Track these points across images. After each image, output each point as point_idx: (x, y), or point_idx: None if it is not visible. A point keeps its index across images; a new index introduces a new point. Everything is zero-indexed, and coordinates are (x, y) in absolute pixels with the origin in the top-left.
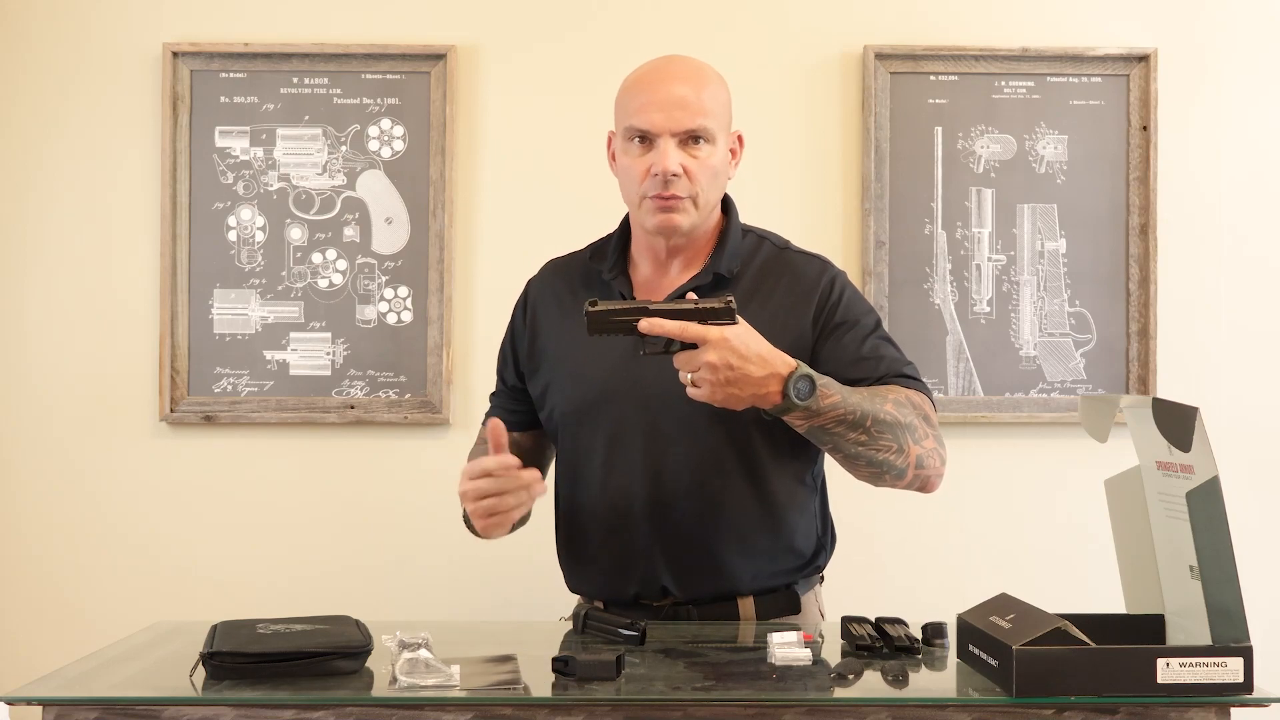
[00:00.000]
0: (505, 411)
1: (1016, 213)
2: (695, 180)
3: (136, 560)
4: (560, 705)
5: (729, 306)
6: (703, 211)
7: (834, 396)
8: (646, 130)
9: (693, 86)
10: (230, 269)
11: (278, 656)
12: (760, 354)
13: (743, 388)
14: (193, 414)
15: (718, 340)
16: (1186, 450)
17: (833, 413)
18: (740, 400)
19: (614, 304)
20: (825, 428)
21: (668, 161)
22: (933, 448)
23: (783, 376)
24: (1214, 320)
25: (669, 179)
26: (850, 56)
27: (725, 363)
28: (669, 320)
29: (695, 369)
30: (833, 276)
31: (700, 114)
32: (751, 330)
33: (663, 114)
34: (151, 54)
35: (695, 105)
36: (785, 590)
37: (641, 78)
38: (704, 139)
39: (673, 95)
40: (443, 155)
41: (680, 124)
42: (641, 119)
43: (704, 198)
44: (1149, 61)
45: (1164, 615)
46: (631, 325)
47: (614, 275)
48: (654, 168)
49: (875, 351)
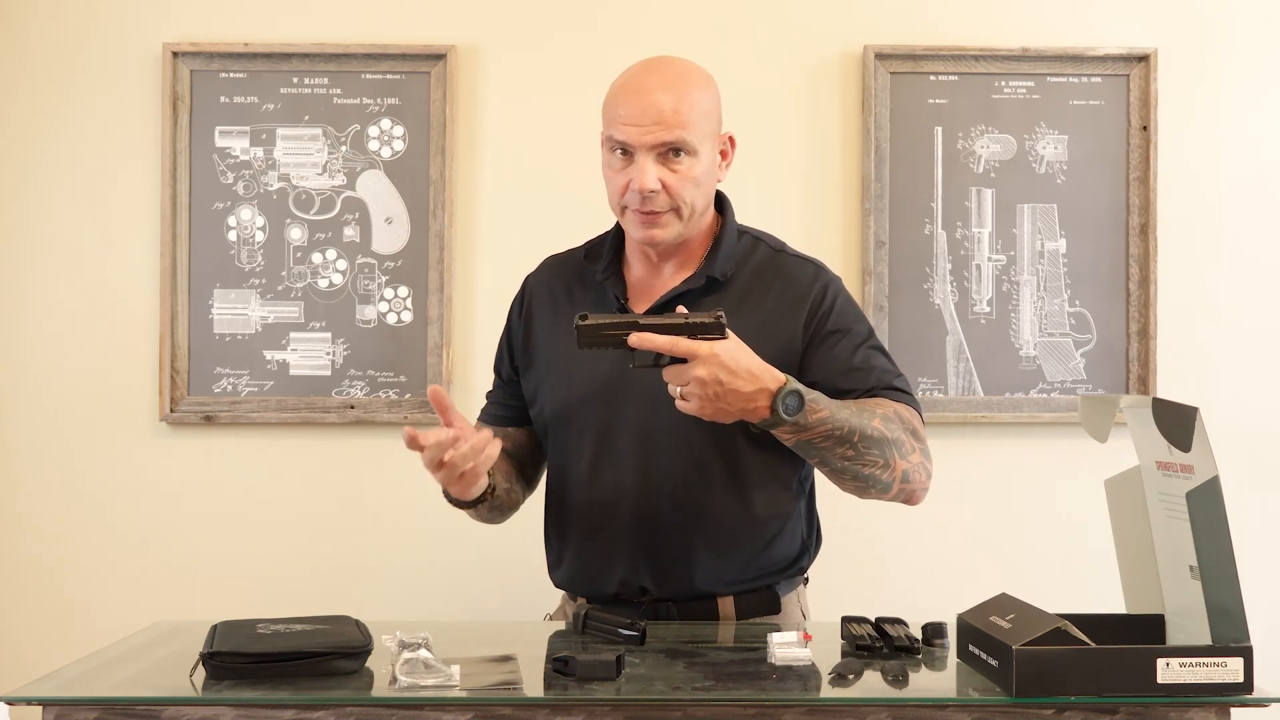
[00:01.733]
0: (501, 407)
1: (1016, 213)
2: (675, 194)
3: (136, 560)
4: (560, 705)
5: (719, 321)
6: (688, 220)
7: (822, 412)
8: (625, 143)
9: (673, 96)
10: (230, 269)
11: (278, 656)
12: (749, 369)
13: (731, 402)
14: (193, 414)
15: (707, 355)
16: (1186, 450)
17: (820, 428)
18: (729, 414)
19: (604, 318)
20: (813, 442)
21: (645, 179)
22: (919, 462)
23: (771, 392)
24: (1214, 320)
25: (647, 195)
26: (850, 56)
27: (714, 378)
28: (658, 335)
29: (685, 383)
30: (826, 283)
31: (679, 126)
32: (741, 345)
33: (640, 129)
34: (151, 54)
35: (673, 118)
36: (765, 590)
37: (624, 86)
38: (684, 151)
39: (650, 108)
40: (443, 155)
41: (658, 139)
42: (620, 132)
43: (687, 208)
44: (1149, 61)
45: (1164, 615)
46: (621, 339)
47: (607, 276)
48: (633, 184)
49: (866, 362)
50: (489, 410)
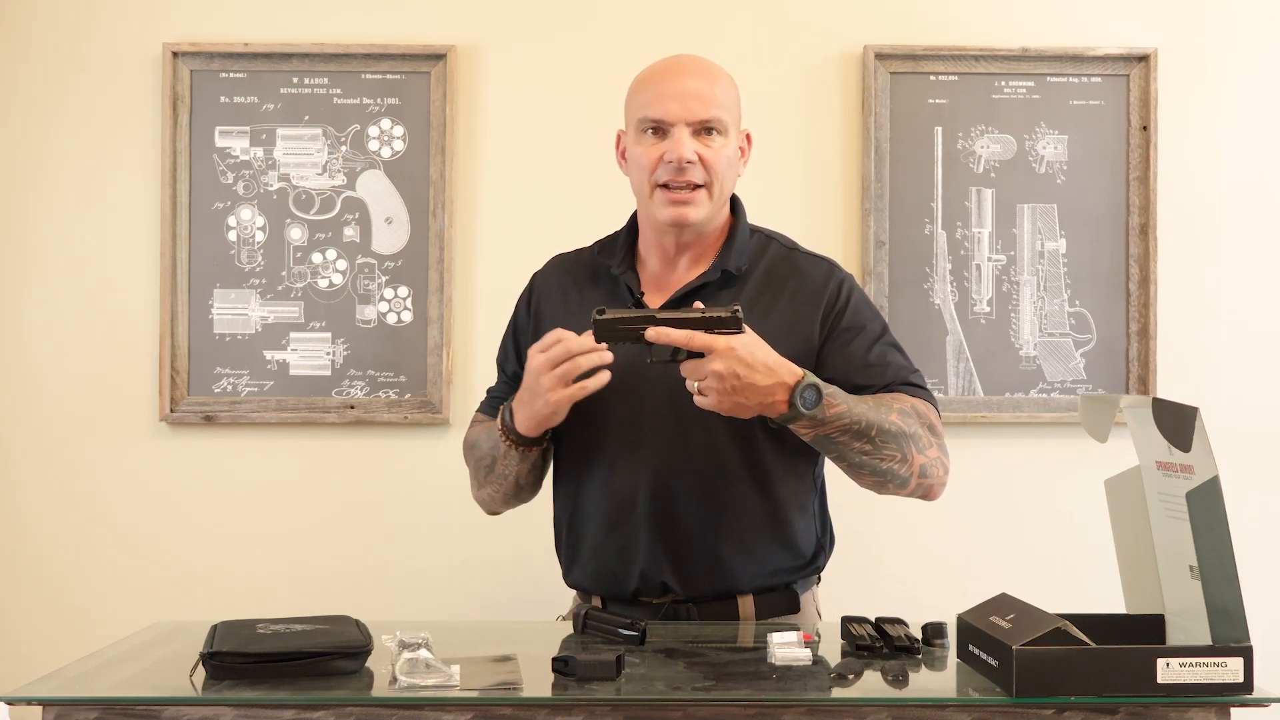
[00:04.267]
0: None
1: (1016, 213)
2: (710, 168)
3: (136, 560)
4: (560, 705)
5: (735, 315)
6: (716, 203)
7: (840, 406)
8: (661, 119)
9: (706, 80)
10: (230, 269)
11: (278, 656)
12: (767, 363)
13: (749, 396)
14: (193, 414)
15: (724, 350)
16: (1186, 450)
17: (838, 422)
18: (747, 409)
19: (621, 312)
20: (830, 437)
21: (683, 149)
22: (936, 457)
23: (789, 386)
24: (1214, 320)
25: (684, 165)
26: (850, 56)
27: (732, 372)
28: (676, 329)
29: (702, 378)
30: (840, 280)
31: (714, 105)
32: (758, 339)
33: (678, 103)
34: (151, 54)
35: (709, 97)
36: (785, 589)
37: (654, 73)
38: (717, 130)
39: (687, 87)
40: (443, 155)
41: (695, 114)
42: (656, 109)
43: (718, 188)
44: (1149, 61)
45: (1164, 615)
46: (638, 334)
47: (622, 270)
48: (667, 155)
49: (882, 358)
50: (492, 403)
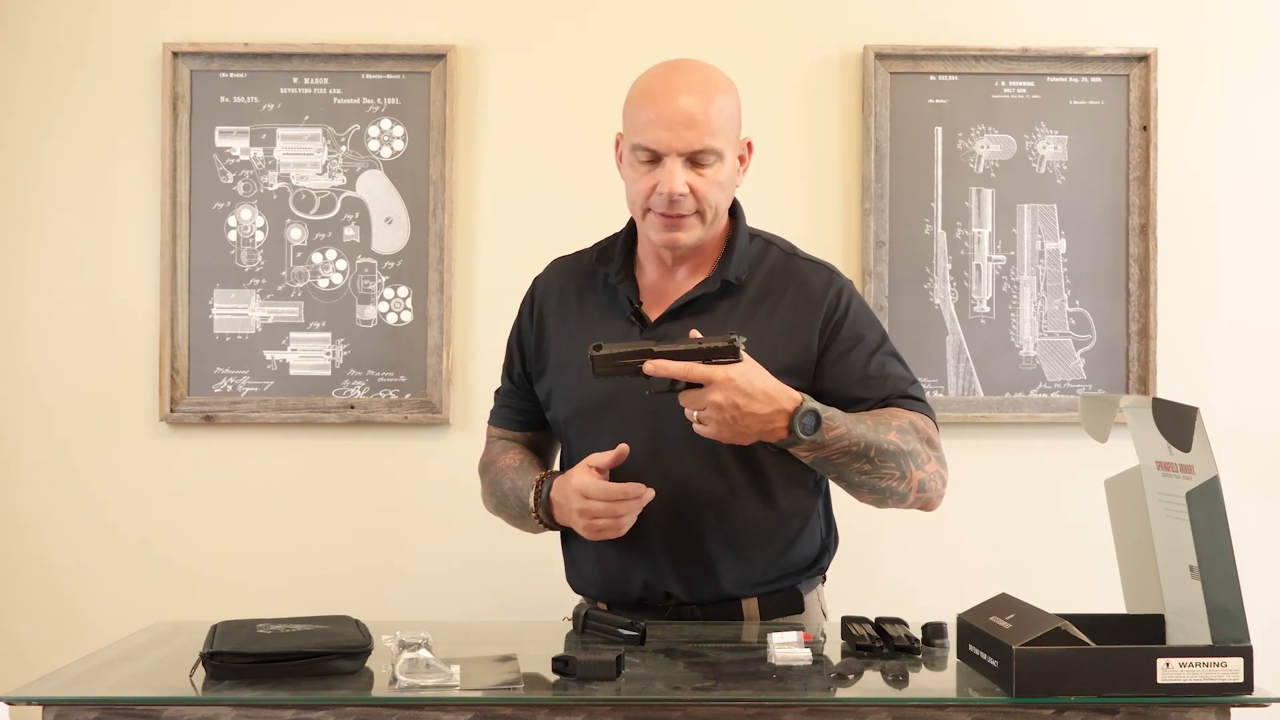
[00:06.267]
0: (514, 410)
1: (1016, 213)
2: (702, 198)
3: (136, 560)
4: (560, 705)
5: (733, 344)
6: (710, 225)
7: (839, 429)
8: (653, 149)
9: (701, 100)
10: (230, 269)
11: (278, 656)
12: (766, 391)
13: (749, 425)
14: (193, 414)
15: (723, 380)
16: (1186, 450)
17: (838, 445)
18: (747, 436)
19: (618, 346)
20: (830, 459)
21: (674, 182)
22: (935, 470)
23: (788, 413)
24: (1214, 320)
25: (675, 199)
26: (850, 56)
27: (731, 402)
28: (673, 362)
29: (701, 408)
30: (840, 287)
31: (708, 133)
32: (756, 366)
33: (670, 133)
34: (151, 54)
35: (703, 123)
36: (789, 590)
37: (649, 88)
38: (710, 156)
39: (680, 113)
40: (443, 155)
41: (689, 145)
42: (649, 137)
43: (711, 212)
44: (1149, 61)
45: (1164, 615)
46: (636, 367)
47: (620, 279)
48: (660, 187)
49: (881, 370)
50: (501, 413)
